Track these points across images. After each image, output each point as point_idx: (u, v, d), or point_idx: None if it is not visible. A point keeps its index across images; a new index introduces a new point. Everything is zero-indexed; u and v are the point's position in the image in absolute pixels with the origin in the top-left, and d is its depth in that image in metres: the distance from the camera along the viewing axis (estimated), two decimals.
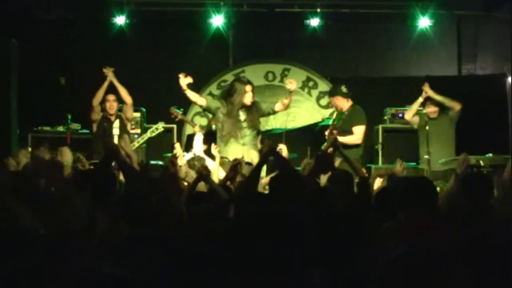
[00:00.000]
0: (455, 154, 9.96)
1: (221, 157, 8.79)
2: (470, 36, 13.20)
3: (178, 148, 8.87)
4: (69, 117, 10.75)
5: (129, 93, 10.22)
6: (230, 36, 12.86)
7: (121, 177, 6.06)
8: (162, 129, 10.16)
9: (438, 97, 10.34)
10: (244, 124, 9.47)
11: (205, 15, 12.51)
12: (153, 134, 10.08)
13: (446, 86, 10.70)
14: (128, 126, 10.40)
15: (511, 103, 12.47)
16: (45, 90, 11.91)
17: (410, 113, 10.59)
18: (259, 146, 9.49)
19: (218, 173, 8.20)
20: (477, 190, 5.30)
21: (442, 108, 10.40)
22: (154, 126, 10.13)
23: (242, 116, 9.49)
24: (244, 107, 9.48)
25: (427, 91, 10.35)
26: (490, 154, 10.07)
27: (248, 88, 9.52)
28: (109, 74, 10.14)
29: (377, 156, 11.29)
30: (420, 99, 10.41)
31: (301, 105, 12.68)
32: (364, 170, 7.65)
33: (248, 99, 9.48)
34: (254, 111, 9.57)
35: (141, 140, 10.18)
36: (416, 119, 10.59)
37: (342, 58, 12.94)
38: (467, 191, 5.34)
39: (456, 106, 10.31)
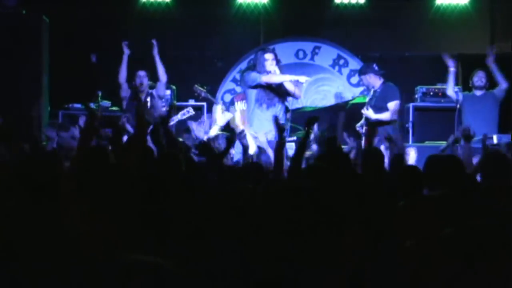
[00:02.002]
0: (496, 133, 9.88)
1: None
2: (503, 13, 13.04)
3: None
4: (100, 94, 10.77)
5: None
6: (261, 14, 12.80)
7: None
8: (193, 113, 10.14)
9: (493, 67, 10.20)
10: (276, 98, 9.47)
11: None
12: (184, 117, 10.08)
13: (478, 64, 10.58)
14: (159, 104, 10.39)
15: None
16: (76, 67, 11.94)
17: (449, 88, 10.45)
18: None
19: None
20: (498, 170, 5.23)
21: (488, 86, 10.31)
22: (185, 110, 10.13)
23: (267, 88, 9.48)
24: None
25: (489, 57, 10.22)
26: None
27: (268, 55, 9.50)
28: (125, 50, 10.12)
29: (407, 134, 11.22)
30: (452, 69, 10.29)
31: (332, 83, 12.63)
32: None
33: (268, 67, 9.44)
34: (278, 85, 9.52)
35: (172, 122, 10.18)
36: (459, 92, 10.48)
37: (373, 36, 12.82)
38: (488, 171, 5.29)
39: (504, 83, 10.20)
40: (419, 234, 3.57)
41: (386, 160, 6.65)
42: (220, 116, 9.87)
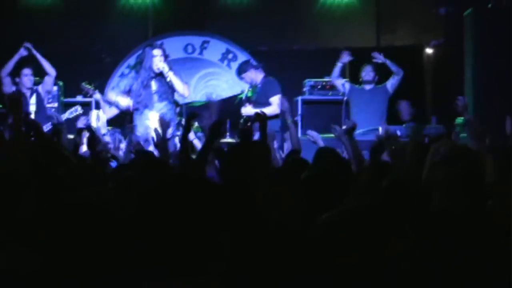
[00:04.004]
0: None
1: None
2: (388, 7, 13.31)
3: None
4: None
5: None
6: (149, 8, 12.71)
7: None
8: (82, 111, 9.98)
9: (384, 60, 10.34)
10: (155, 96, 9.33)
11: None
12: (72, 116, 9.91)
13: (364, 57, 10.75)
14: (45, 101, 10.20)
15: (431, 74, 12.69)
16: None
17: (334, 77, 10.58)
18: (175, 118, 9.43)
19: None
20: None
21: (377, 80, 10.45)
22: (73, 108, 9.97)
23: (154, 85, 9.36)
24: (156, 76, 9.33)
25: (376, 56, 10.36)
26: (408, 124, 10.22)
27: (157, 51, 9.35)
28: (30, 49, 9.89)
29: (297, 128, 11.31)
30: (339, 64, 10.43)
31: (221, 78, 12.66)
32: None
33: (156, 63, 9.29)
34: (165, 80, 9.38)
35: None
36: (345, 84, 10.61)
37: (261, 30, 12.90)
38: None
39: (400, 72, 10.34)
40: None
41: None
42: (107, 111, 9.78)
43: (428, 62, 12.91)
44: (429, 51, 12.92)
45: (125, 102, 9.46)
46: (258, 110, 9.54)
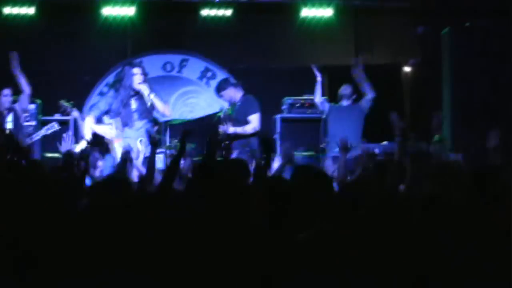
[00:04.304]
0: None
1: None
2: (367, 26, 13.38)
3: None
4: None
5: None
6: (128, 26, 12.69)
7: None
8: (58, 128, 9.92)
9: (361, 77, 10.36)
10: (135, 115, 9.30)
11: (102, 5, 12.26)
12: (49, 132, 9.85)
13: (343, 76, 10.77)
14: (22, 119, 10.14)
15: (408, 92, 12.75)
16: None
17: (316, 96, 10.60)
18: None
19: None
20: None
21: (355, 97, 10.47)
22: (49, 125, 9.92)
23: (134, 104, 9.32)
24: (135, 95, 9.30)
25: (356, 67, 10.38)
26: (385, 142, 10.24)
27: (137, 70, 9.32)
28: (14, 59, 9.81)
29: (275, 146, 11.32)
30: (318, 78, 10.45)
31: (200, 96, 12.66)
32: None
33: (136, 81, 9.26)
34: (145, 99, 9.36)
35: (36, 137, 9.95)
36: (324, 103, 10.63)
37: (240, 49, 12.92)
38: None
39: (370, 93, 10.36)
40: None
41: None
42: (88, 130, 9.73)
43: (406, 81, 12.96)
44: (407, 69, 12.98)
45: (101, 130, 9.43)
46: (237, 129, 9.63)
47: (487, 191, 4.08)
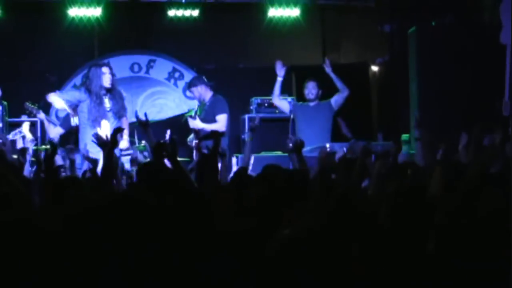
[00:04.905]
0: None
1: None
2: (334, 25, 13.43)
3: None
4: None
5: None
6: (95, 27, 12.62)
7: None
8: (24, 134, 9.82)
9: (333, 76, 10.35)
10: (110, 114, 9.28)
11: (68, 6, 12.18)
12: (16, 137, 9.75)
13: (310, 75, 10.80)
14: None
15: (376, 91, 12.82)
16: None
17: (274, 97, 10.60)
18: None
19: None
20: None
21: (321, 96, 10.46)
22: (18, 130, 9.82)
23: (108, 103, 9.30)
24: (107, 93, 9.28)
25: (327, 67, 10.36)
26: (352, 141, 10.25)
27: (105, 69, 9.33)
28: None
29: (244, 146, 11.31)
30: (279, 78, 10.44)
31: (168, 96, 12.63)
32: None
33: (106, 81, 9.27)
34: (118, 97, 9.37)
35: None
36: (286, 104, 10.64)
37: (208, 49, 12.92)
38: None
39: (345, 91, 10.35)
40: None
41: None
42: (52, 131, 9.69)
43: (373, 79, 13.02)
44: (374, 68, 13.04)
45: (60, 104, 9.37)
46: (206, 125, 9.64)
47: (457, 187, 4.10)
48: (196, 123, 9.79)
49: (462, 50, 10.37)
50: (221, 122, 9.76)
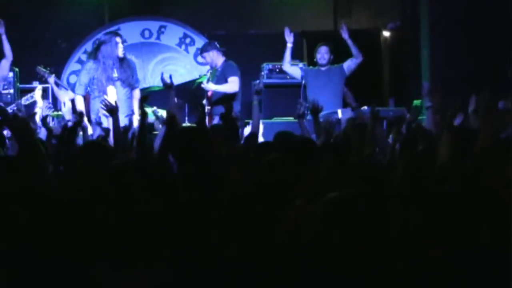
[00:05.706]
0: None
1: None
2: None
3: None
4: None
5: None
6: None
7: None
8: (35, 99, 9.84)
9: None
10: (118, 83, 9.29)
11: None
12: (27, 102, 9.78)
13: (321, 40, 10.75)
14: (1, 87, 10.07)
15: (388, 57, 12.76)
16: None
17: (285, 64, 10.58)
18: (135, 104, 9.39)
19: None
20: None
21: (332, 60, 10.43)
22: (29, 95, 9.84)
23: (115, 72, 9.31)
24: (116, 63, 9.29)
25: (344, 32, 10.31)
26: (365, 107, 10.22)
27: (119, 39, 9.35)
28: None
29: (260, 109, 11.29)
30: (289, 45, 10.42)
31: (179, 62, 12.60)
32: None
33: (120, 51, 9.30)
34: (126, 66, 9.40)
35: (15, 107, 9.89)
36: (297, 70, 10.61)
37: (219, 15, 12.87)
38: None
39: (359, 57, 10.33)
40: None
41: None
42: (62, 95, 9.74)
43: (385, 45, 12.95)
44: (386, 34, 12.96)
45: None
46: (219, 86, 9.67)
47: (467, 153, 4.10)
48: (209, 86, 9.81)
49: (474, 15, 10.30)
50: (233, 83, 9.78)
